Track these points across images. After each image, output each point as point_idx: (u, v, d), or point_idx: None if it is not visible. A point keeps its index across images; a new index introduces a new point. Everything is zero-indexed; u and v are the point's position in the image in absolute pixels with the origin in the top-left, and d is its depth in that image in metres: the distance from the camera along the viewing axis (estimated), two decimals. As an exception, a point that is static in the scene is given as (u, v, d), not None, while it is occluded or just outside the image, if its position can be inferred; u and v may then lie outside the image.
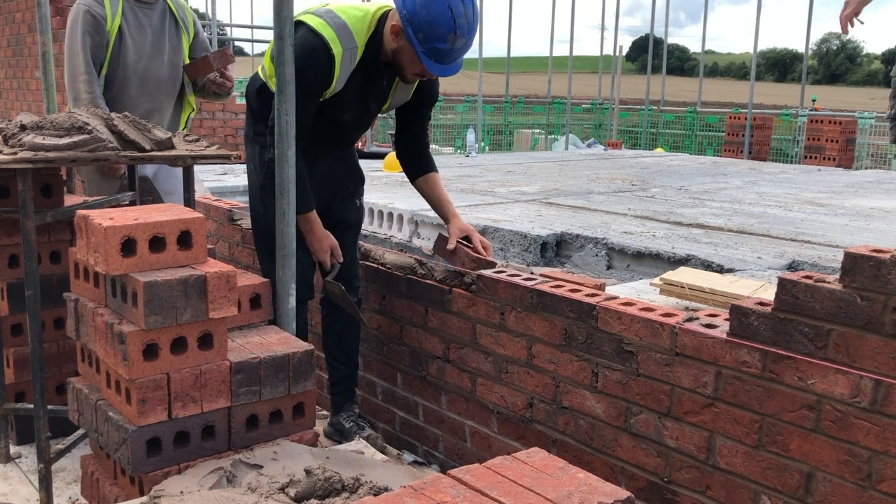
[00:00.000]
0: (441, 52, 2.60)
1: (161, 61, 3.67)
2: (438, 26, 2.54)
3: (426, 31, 2.56)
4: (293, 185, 2.48)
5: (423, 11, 2.55)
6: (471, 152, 11.13)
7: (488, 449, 2.79)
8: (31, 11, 7.53)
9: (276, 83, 2.42)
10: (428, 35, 2.56)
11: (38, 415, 2.44)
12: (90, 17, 3.52)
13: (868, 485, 1.83)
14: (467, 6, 2.57)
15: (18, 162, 2.26)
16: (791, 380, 1.94)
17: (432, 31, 2.55)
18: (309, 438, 2.28)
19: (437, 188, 3.03)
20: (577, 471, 1.53)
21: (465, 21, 2.56)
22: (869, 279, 1.79)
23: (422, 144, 3.06)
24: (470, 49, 2.69)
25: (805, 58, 17.21)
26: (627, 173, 7.88)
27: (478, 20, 2.65)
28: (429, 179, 3.03)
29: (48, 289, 2.77)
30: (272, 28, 2.45)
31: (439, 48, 2.58)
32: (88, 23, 3.51)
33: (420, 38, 2.57)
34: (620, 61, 18.81)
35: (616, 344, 2.32)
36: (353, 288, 3.04)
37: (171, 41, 3.73)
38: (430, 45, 2.58)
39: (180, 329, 1.99)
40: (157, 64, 3.67)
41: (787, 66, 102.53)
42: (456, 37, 2.57)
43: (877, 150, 14.94)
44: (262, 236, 2.98)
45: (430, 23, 2.54)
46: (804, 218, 5.21)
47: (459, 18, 2.55)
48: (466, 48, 2.64)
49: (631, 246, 4.23)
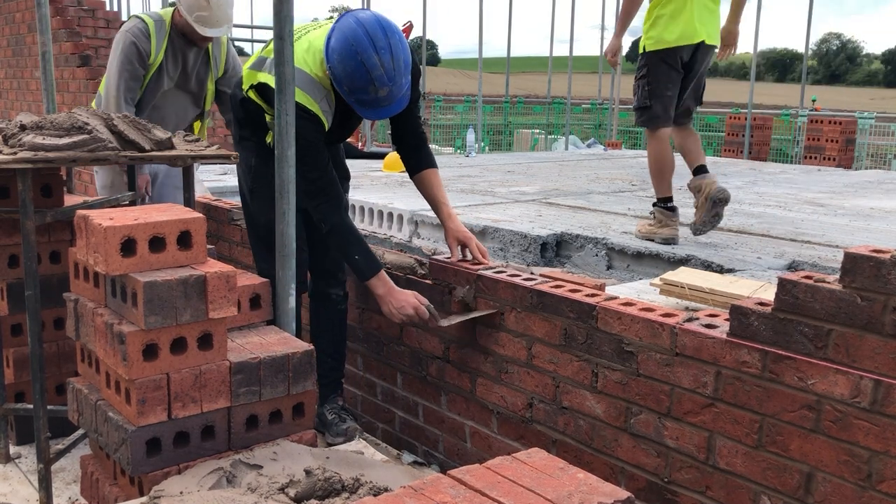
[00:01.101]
0: (367, 101, 2.68)
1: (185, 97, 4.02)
2: (356, 80, 2.62)
3: (348, 85, 2.65)
4: (293, 184, 2.49)
5: (339, 67, 2.63)
6: (471, 152, 11.13)
7: (488, 449, 2.79)
8: (31, 11, 7.53)
9: (276, 83, 2.43)
10: (350, 88, 2.66)
11: (38, 415, 2.44)
12: (135, 49, 3.80)
13: (868, 485, 1.83)
14: (383, 57, 2.59)
15: (18, 162, 2.26)
16: (791, 380, 1.94)
17: (352, 84, 2.64)
18: (309, 438, 2.28)
19: (433, 187, 3.02)
20: (577, 471, 1.53)
21: (381, 72, 2.60)
22: (869, 279, 1.79)
23: (417, 139, 3.07)
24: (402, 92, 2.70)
25: (805, 58, 17.20)
26: (627, 173, 7.88)
27: (401, 65, 2.64)
28: (427, 176, 3.03)
29: (48, 289, 2.77)
30: (272, 28, 2.45)
31: (364, 99, 2.67)
32: (133, 55, 3.80)
33: (345, 90, 2.67)
34: (620, 61, 18.80)
35: (616, 344, 2.32)
36: (338, 282, 3.13)
37: (199, 76, 4.05)
38: (355, 97, 2.68)
39: (180, 329, 1.99)
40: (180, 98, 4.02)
41: (787, 66, 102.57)
42: (376, 87, 2.62)
43: (877, 150, 14.93)
44: (255, 235, 3.08)
45: (348, 77, 2.64)
46: (804, 218, 5.21)
47: (375, 70, 2.59)
48: (395, 94, 2.67)
49: (631, 246, 4.23)
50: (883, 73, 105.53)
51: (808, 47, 16.01)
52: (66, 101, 7.16)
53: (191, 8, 3.79)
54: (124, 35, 3.83)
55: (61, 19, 7.40)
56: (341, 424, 2.97)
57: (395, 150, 3.17)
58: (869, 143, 14.64)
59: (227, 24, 3.90)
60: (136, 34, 3.81)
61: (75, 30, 7.41)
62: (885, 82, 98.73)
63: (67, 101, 7.16)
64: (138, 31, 3.82)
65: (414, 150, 3.06)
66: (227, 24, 3.89)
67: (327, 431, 2.98)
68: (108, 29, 7.76)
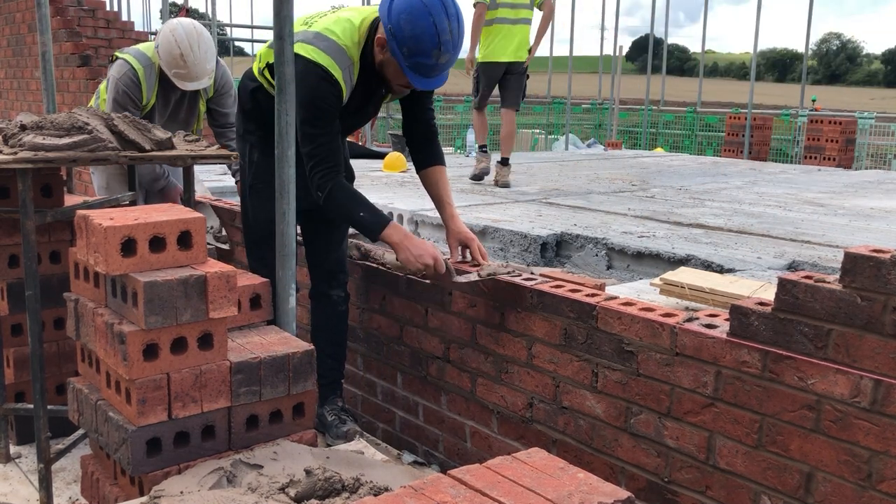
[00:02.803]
0: (425, 67, 2.60)
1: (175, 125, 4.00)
2: (422, 42, 2.54)
3: (410, 46, 2.56)
4: (293, 184, 2.49)
5: (407, 27, 2.54)
6: (471, 152, 11.12)
7: (488, 449, 2.79)
8: (31, 11, 7.53)
9: (276, 83, 2.42)
10: (412, 50, 2.56)
11: (38, 415, 2.44)
12: (129, 99, 3.86)
13: (868, 485, 1.83)
14: (452, 23, 2.56)
15: (18, 162, 2.26)
16: (791, 380, 1.94)
17: (416, 46, 2.55)
18: (309, 438, 2.28)
19: (439, 186, 2.98)
20: (577, 471, 1.53)
21: (449, 38, 2.56)
22: (869, 279, 1.79)
23: (430, 131, 3.04)
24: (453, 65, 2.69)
25: (805, 58, 17.20)
26: (627, 173, 7.88)
27: (463, 35, 2.64)
28: (433, 173, 2.99)
29: (48, 289, 2.77)
30: (272, 28, 2.45)
31: (423, 63, 2.59)
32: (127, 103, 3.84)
33: (405, 52, 2.58)
34: (620, 61, 18.80)
35: (616, 344, 2.32)
36: (339, 283, 3.10)
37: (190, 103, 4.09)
38: (414, 60, 2.58)
39: (180, 329, 1.99)
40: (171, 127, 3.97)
41: (787, 66, 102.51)
42: (440, 52, 2.57)
43: (877, 150, 14.93)
44: (249, 233, 3.05)
45: (414, 38, 2.54)
46: (804, 218, 5.21)
47: (444, 35, 2.55)
48: (451, 63, 2.65)
49: (631, 246, 4.23)
50: (883, 73, 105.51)
51: (808, 47, 16.02)
52: (66, 101, 7.16)
53: (168, 65, 3.82)
54: (115, 84, 3.86)
55: (61, 19, 7.40)
56: (341, 427, 2.96)
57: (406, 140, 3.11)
58: (869, 143, 14.64)
59: (208, 76, 3.92)
60: (127, 84, 3.84)
61: (75, 30, 7.41)
62: (885, 82, 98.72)
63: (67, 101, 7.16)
64: (129, 82, 3.84)
65: (425, 143, 3.02)
66: (206, 77, 3.91)
67: (327, 433, 2.98)
68: (109, 29, 7.75)
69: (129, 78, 3.84)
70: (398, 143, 8.59)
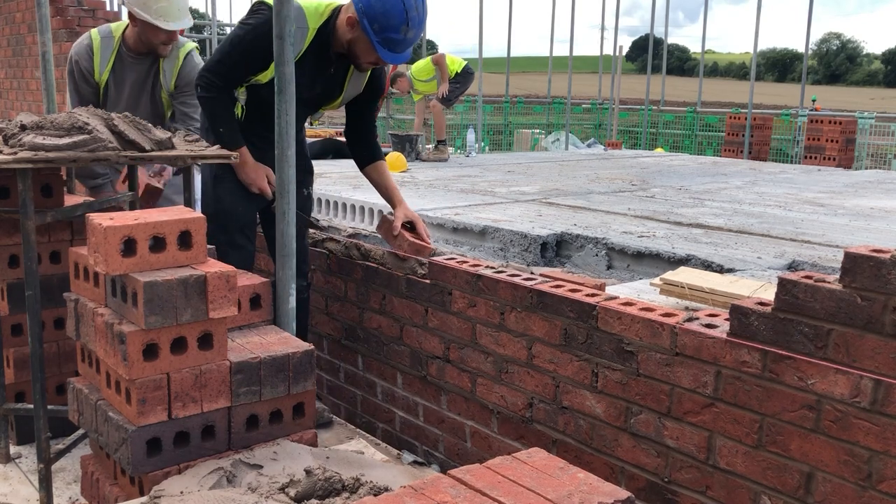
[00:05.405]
0: (394, 42, 2.86)
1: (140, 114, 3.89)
2: (392, 17, 2.80)
3: (381, 22, 2.81)
4: (293, 185, 2.50)
5: (378, 4, 2.81)
6: (471, 152, 11.12)
7: (488, 449, 2.79)
8: (31, 11, 7.53)
9: (276, 83, 2.43)
10: (382, 26, 2.82)
11: (38, 415, 2.44)
12: (78, 69, 3.83)
13: (868, 485, 1.83)
14: (417, 0, 2.83)
15: (18, 162, 2.25)
16: (791, 380, 1.94)
17: (387, 21, 2.81)
18: (309, 438, 2.28)
19: (383, 175, 3.31)
20: (577, 471, 1.53)
21: (416, 13, 2.84)
22: (869, 279, 1.79)
23: (370, 134, 3.34)
24: (416, 41, 2.98)
25: (805, 58, 17.17)
26: (627, 173, 7.87)
27: (426, 14, 2.92)
28: (377, 167, 3.31)
29: (48, 289, 2.77)
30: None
31: (392, 38, 2.84)
32: (76, 73, 3.84)
33: (375, 28, 2.82)
34: (620, 61, 18.79)
35: (616, 344, 2.32)
36: (301, 273, 3.20)
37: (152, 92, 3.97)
38: (384, 35, 2.84)
39: (180, 329, 1.99)
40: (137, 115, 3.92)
41: (787, 66, 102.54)
42: (408, 27, 2.84)
43: (877, 150, 14.92)
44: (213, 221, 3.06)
45: (384, 14, 2.80)
46: (804, 218, 5.21)
47: (411, 11, 2.82)
48: (416, 38, 2.91)
49: (631, 246, 4.22)
50: (883, 73, 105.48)
51: (808, 47, 16.00)
52: (66, 102, 7.15)
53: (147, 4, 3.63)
54: (69, 55, 3.82)
55: (61, 19, 7.41)
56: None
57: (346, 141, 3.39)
58: (869, 142, 14.63)
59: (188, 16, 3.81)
60: (78, 52, 3.80)
61: (75, 30, 7.41)
62: (885, 82, 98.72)
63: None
64: (82, 49, 3.80)
65: (366, 142, 3.32)
66: (187, 17, 3.80)
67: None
68: (109, 29, 7.75)
69: (83, 45, 3.78)
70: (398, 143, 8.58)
